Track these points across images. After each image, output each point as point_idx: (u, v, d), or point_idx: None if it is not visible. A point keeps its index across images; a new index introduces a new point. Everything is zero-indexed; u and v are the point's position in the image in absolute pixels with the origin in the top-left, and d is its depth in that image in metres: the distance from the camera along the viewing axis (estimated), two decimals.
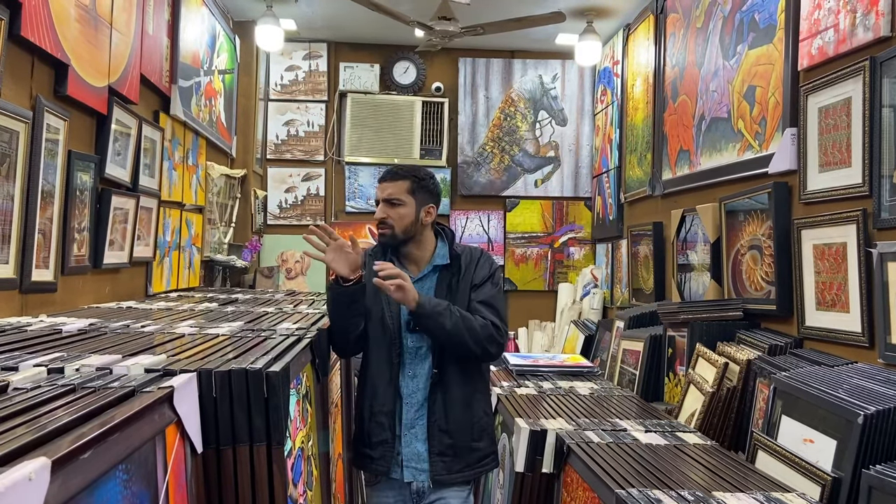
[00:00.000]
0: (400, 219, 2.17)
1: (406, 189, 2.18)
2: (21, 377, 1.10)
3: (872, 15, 2.15)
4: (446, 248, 2.24)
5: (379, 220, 2.18)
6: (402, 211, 2.17)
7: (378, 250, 2.28)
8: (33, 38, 1.99)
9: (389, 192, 2.18)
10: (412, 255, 2.24)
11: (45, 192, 2.13)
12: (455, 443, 2.13)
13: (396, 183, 2.19)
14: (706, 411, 2.48)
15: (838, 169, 2.32)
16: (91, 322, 1.84)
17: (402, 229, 2.17)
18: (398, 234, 2.17)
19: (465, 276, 2.20)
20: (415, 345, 2.17)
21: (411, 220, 2.18)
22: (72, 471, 0.76)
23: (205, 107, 3.81)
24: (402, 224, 2.17)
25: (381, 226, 2.19)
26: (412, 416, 2.14)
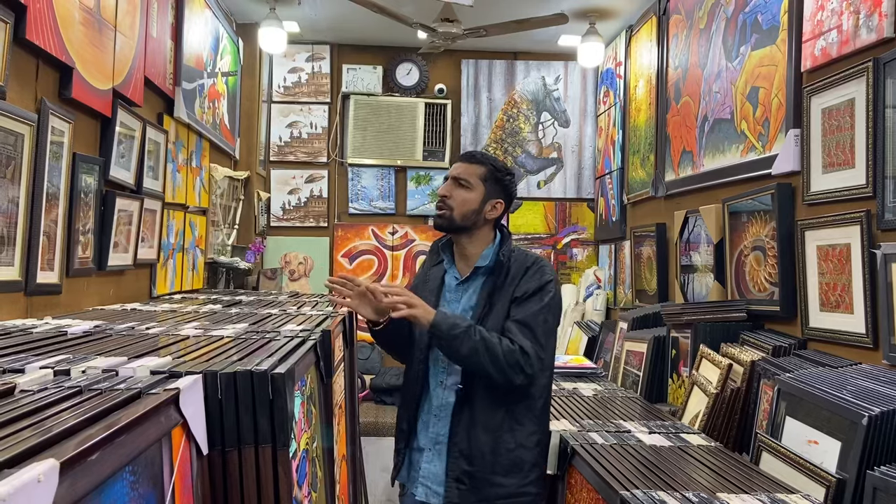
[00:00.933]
0: (462, 203, 1.97)
1: (479, 174, 1.99)
2: (27, 379, 1.10)
3: (876, 16, 2.15)
4: (492, 250, 2.02)
5: (439, 198, 2.01)
6: (466, 195, 1.98)
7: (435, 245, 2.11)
8: (38, 41, 2.00)
9: (459, 172, 2.00)
10: (463, 251, 2.04)
11: (50, 195, 2.14)
12: (474, 472, 1.91)
13: (471, 165, 2.01)
14: (710, 413, 2.47)
15: (842, 170, 2.32)
16: (96, 324, 1.84)
17: (460, 214, 1.97)
18: (455, 217, 1.97)
19: (507, 286, 1.96)
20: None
21: (473, 209, 1.98)
22: (80, 473, 0.76)
23: (208, 109, 3.82)
24: (462, 209, 1.97)
25: (439, 204, 2.00)
26: (438, 430, 1.98)
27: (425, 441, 1.99)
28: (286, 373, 1.30)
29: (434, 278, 2.05)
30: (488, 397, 1.93)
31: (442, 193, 1.98)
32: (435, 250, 2.09)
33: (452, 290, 2.03)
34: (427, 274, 2.09)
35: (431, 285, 2.04)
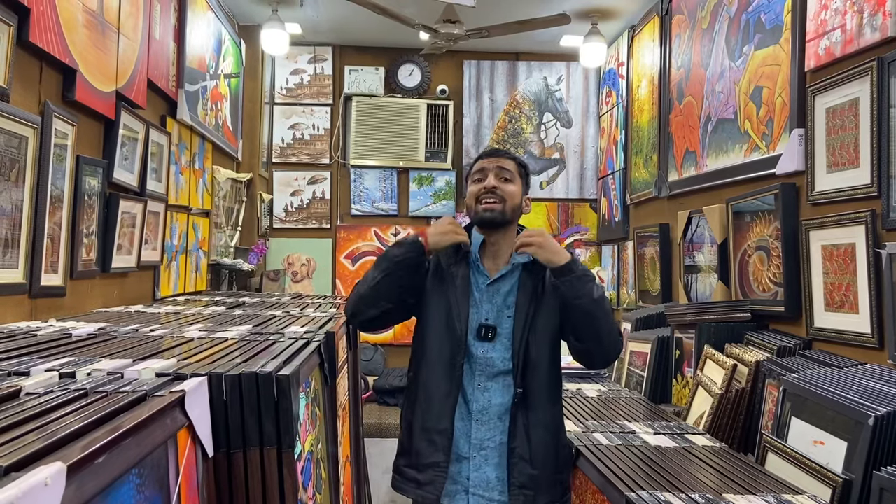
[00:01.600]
0: (511, 195, 1.91)
1: (515, 169, 1.95)
2: (33, 382, 1.10)
3: (879, 15, 2.15)
4: None
5: (487, 190, 1.89)
6: (513, 188, 1.92)
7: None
8: (42, 43, 2.00)
9: (503, 165, 1.93)
10: (498, 249, 1.95)
11: (54, 197, 2.14)
12: (540, 474, 1.85)
13: (507, 160, 1.95)
14: (715, 413, 2.47)
15: (846, 170, 2.32)
16: (100, 326, 1.84)
17: (511, 208, 1.90)
18: (507, 211, 1.90)
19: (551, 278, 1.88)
20: (486, 355, 1.89)
21: (518, 203, 1.93)
22: (86, 475, 0.76)
23: (211, 111, 3.82)
24: (511, 202, 1.91)
25: (488, 197, 1.89)
26: (482, 435, 1.86)
27: (467, 449, 1.87)
28: (291, 375, 1.30)
29: (459, 277, 1.91)
30: (547, 392, 1.90)
31: (493, 185, 1.88)
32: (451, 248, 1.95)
33: (482, 289, 1.92)
34: (447, 273, 1.94)
35: (461, 283, 1.90)
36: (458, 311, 1.89)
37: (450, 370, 1.88)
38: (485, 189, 1.89)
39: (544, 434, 1.88)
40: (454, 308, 1.89)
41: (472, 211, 1.95)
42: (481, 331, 1.88)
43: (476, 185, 1.93)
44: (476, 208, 1.92)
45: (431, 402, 1.88)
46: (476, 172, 1.95)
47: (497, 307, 1.91)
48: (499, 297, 1.92)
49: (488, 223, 1.92)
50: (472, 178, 1.97)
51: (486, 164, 1.93)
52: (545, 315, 1.90)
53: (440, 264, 1.95)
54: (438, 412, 1.87)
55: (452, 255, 1.95)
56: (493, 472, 1.86)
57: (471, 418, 1.87)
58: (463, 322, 1.88)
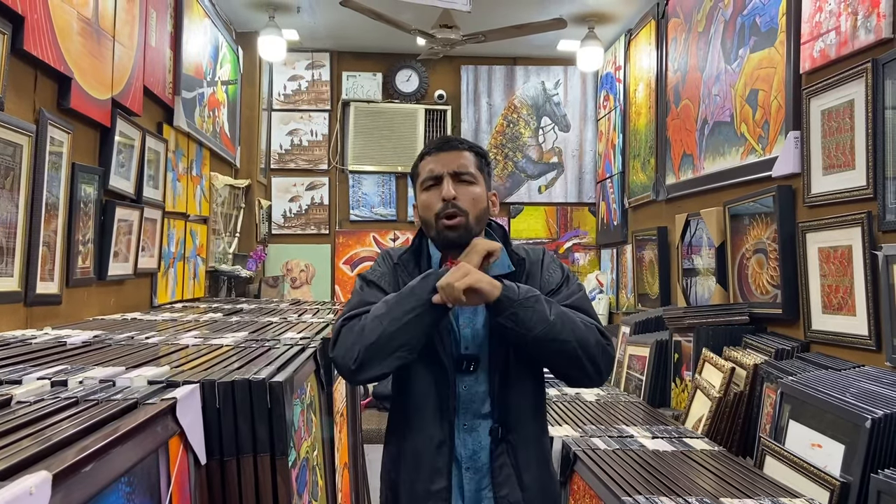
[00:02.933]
0: (474, 202, 1.54)
1: (476, 164, 1.58)
2: (24, 390, 1.10)
3: (874, 17, 2.15)
4: (504, 253, 1.60)
5: (446, 201, 1.52)
6: (475, 191, 1.55)
7: (405, 259, 1.63)
8: (36, 51, 2.01)
9: (460, 164, 1.55)
10: None
11: (50, 205, 2.14)
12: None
13: (462, 153, 1.56)
14: (713, 417, 2.46)
15: (842, 171, 2.32)
16: (95, 334, 1.84)
17: (476, 217, 1.55)
18: (471, 223, 1.54)
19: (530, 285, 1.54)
20: (468, 389, 1.56)
21: (484, 207, 1.57)
22: (74, 484, 0.76)
23: (208, 118, 3.83)
24: (476, 209, 1.54)
25: (449, 211, 1.52)
26: (475, 486, 1.55)
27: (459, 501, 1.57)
28: (284, 381, 1.29)
29: None
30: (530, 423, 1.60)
31: (451, 195, 1.52)
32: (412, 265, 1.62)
33: (456, 312, 1.57)
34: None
35: None
36: (440, 341, 1.55)
37: (440, 415, 1.55)
38: (444, 200, 1.53)
39: (535, 471, 1.58)
40: (436, 338, 1.54)
41: (431, 227, 1.58)
42: (462, 363, 1.55)
43: (430, 193, 1.57)
44: (436, 225, 1.56)
45: (421, 458, 1.55)
46: (428, 178, 1.57)
47: (475, 331, 1.59)
48: (477, 318, 1.58)
49: (453, 244, 1.55)
50: (422, 183, 1.59)
51: (438, 165, 1.56)
52: None
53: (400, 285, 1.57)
54: (431, 469, 1.54)
55: (414, 272, 1.59)
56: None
57: (460, 467, 1.56)
58: (449, 354, 1.55)
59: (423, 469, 1.55)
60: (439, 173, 1.55)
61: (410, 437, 1.58)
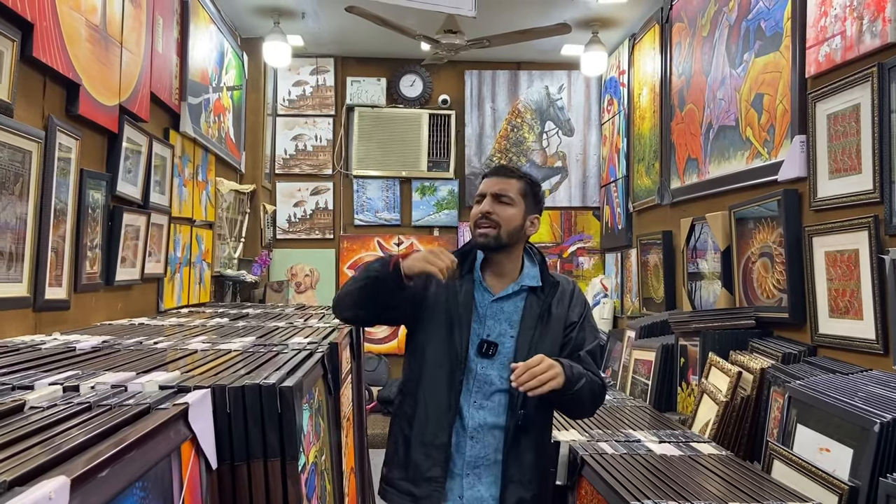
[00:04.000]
0: (508, 220, 1.89)
1: (519, 190, 1.92)
2: (37, 396, 1.10)
3: (879, 21, 2.15)
4: (537, 270, 1.96)
5: (482, 215, 1.89)
6: (511, 211, 1.90)
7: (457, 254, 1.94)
8: (45, 58, 2.02)
9: (501, 188, 1.90)
10: (501, 268, 1.95)
11: (58, 211, 2.15)
12: (531, 496, 1.88)
13: (510, 181, 1.92)
14: (720, 421, 2.46)
15: (848, 175, 2.32)
16: (104, 339, 1.85)
17: (507, 232, 1.89)
18: (502, 236, 1.89)
19: (558, 309, 1.93)
20: (485, 371, 1.88)
21: (518, 225, 1.91)
22: (90, 489, 0.76)
23: (214, 123, 3.84)
24: (509, 226, 1.89)
25: (483, 222, 1.89)
26: (476, 452, 1.87)
27: (461, 465, 1.87)
28: (294, 386, 1.30)
29: (463, 292, 1.91)
30: (539, 418, 1.90)
31: (486, 210, 1.88)
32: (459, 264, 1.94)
33: (485, 306, 1.92)
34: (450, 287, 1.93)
35: (464, 300, 1.91)
36: (459, 326, 1.88)
37: (449, 385, 1.87)
38: (480, 213, 1.90)
39: (537, 457, 1.90)
40: (456, 322, 1.88)
41: (472, 233, 1.96)
42: (482, 347, 1.87)
43: (476, 207, 1.94)
44: (473, 232, 1.94)
45: (430, 416, 1.86)
46: (478, 194, 1.95)
47: (500, 325, 1.92)
48: (503, 315, 1.92)
49: (482, 248, 1.93)
50: (475, 198, 1.97)
51: (487, 186, 1.93)
52: (548, 341, 1.89)
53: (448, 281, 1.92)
54: (437, 426, 1.85)
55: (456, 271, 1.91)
56: (486, 491, 1.86)
57: (466, 435, 1.86)
58: (465, 337, 1.87)
59: (430, 425, 1.85)
60: (485, 192, 1.92)
61: (423, 399, 1.88)
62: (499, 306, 1.92)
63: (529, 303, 1.91)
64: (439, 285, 1.91)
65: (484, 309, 1.92)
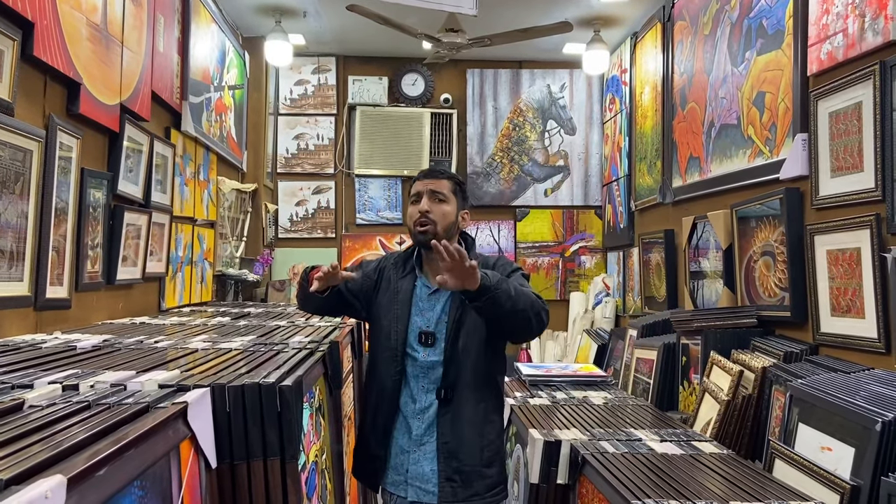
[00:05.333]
0: (443, 216, 2.06)
1: (449, 188, 2.09)
2: (36, 395, 1.10)
3: (881, 19, 2.15)
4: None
5: (421, 213, 2.05)
6: (446, 208, 2.06)
7: (398, 258, 2.17)
8: (46, 57, 2.02)
9: (435, 186, 2.07)
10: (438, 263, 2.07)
11: (59, 210, 2.15)
12: (462, 467, 2.01)
13: (440, 181, 2.09)
14: (722, 420, 2.45)
15: (850, 174, 2.31)
16: (105, 338, 1.85)
17: (443, 228, 2.05)
18: (440, 231, 2.04)
19: None
20: (426, 358, 2.04)
21: (452, 221, 2.08)
22: (88, 488, 0.76)
23: (215, 122, 3.84)
24: (445, 222, 2.05)
25: (422, 220, 2.05)
26: (421, 432, 2.03)
27: (407, 443, 2.03)
28: (294, 385, 1.30)
29: (404, 290, 2.09)
30: (470, 394, 2.02)
31: (425, 209, 2.03)
32: (401, 263, 2.14)
33: (424, 299, 2.08)
34: (396, 285, 2.11)
35: (403, 296, 2.08)
36: (397, 319, 2.04)
37: (392, 372, 2.03)
38: (419, 213, 2.04)
39: (469, 430, 2.00)
40: (394, 317, 2.05)
41: (411, 232, 2.11)
42: (421, 337, 2.02)
43: (413, 206, 2.09)
44: (413, 230, 2.08)
45: (380, 404, 2.04)
46: (413, 194, 2.10)
47: (437, 315, 2.06)
48: (439, 305, 2.06)
49: (422, 245, 2.06)
50: (410, 199, 2.13)
51: (421, 186, 2.08)
52: (471, 319, 2.01)
53: (389, 276, 2.12)
54: (383, 412, 2.03)
55: (400, 270, 2.13)
56: (428, 466, 2.00)
57: (414, 416, 2.02)
58: (402, 329, 2.03)
59: (379, 410, 2.02)
60: (421, 191, 2.06)
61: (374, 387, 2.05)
62: (436, 298, 2.06)
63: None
64: (387, 284, 2.11)
65: (423, 302, 2.07)
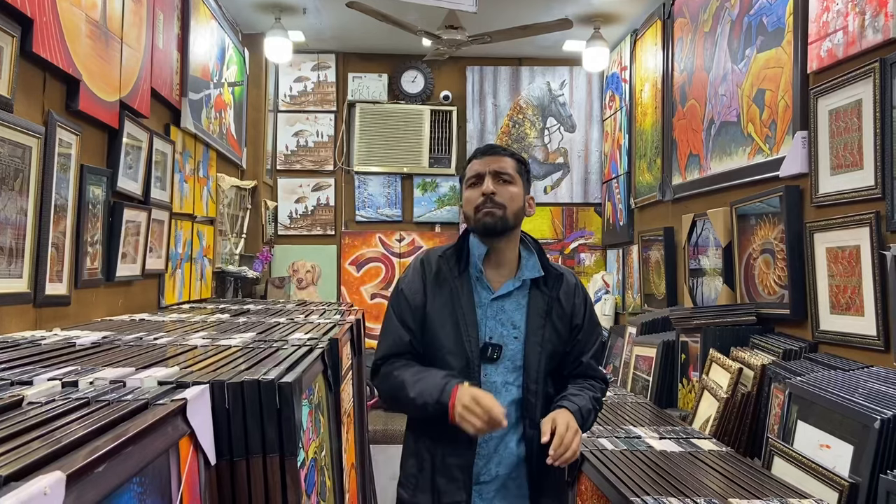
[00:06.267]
0: (511, 199, 1.71)
1: (514, 167, 1.75)
2: (35, 391, 1.10)
3: (881, 17, 2.14)
4: (535, 259, 1.77)
5: (486, 196, 1.70)
6: (514, 190, 1.72)
7: (450, 253, 1.78)
8: (45, 54, 2.01)
9: (501, 165, 1.73)
10: (502, 257, 1.75)
11: (58, 206, 2.15)
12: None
13: (503, 159, 1.74)
14: (721, 417, 2.46)
15: (850, 171, 2.31)
16: (104, 335, 1.85)
17: (513, 212, 1.71)
18: (509, 216, 1.70)
19: (563, 305, 1.75)
20: (488, 378, 1.70)
21: (521, 206, 1.74)
22: (86, 484, 0.76)
23: (215, 119, 3.84)
24: (513, 206, 1.71)
25: (488, 204, 1.69)
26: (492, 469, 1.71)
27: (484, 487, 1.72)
28: (293, 382, 1.30)
29: (465, 292, 1.71)
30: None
31: (490, 190, 1.69)
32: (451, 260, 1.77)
33: (485, 305, 1.72)
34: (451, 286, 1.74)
35: (465, 301, 1.71)
36: (467, 330, 1.69)
37: None
38: (483, 195, 1.70)
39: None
40: (463, 326, 1.69)
41: (471, 219, 1.75)
42: (486, 350, 1.68)
43: (472, 190, 1.74)
44: (475, 216, 1.72)
45: (448, 434, 1.63)
46: (472, 176, 1.75)
47: (502, 325, 1.73)
48: (504, 314, 1.73)
49: (490, 231, 1.71)
50: (467, 181, 1.77)
51: (482, 166, 1.74)
52: (554, 340, 1.75)
53: (440, 275, 1.75)
54: (458, 445, 1.66)
55: (454, 266, 1.75)
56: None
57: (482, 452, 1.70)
58: (473, 342, 1.68)
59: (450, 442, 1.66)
60: (482, 172, 1.72)
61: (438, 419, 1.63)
62: (499, 305, 1.72)
63: (534, 299, 1.73)
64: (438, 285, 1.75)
65: (484, 308, 1.73)
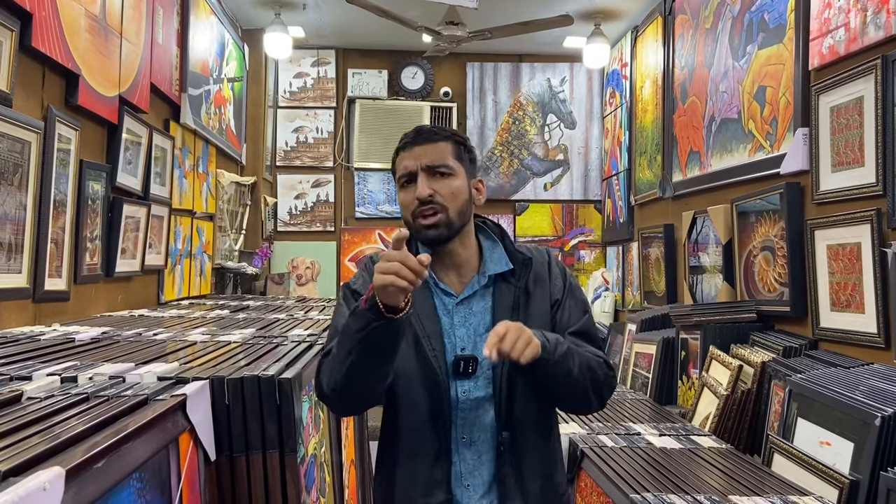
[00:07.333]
0: (453, 196, 1.39)
1: (451, 153, 1.42)
2: (34, 386, 1.10)
3: (883, 13, 2.14)
4: (500, 249, 1.47)
5: (422, 202, 1.37)
6: (454, 184, 1.40)
7: None
8: (44, 48, 2.01)
9: (434, 157, 1.40)
10: (456, 259, 1.44)
11: (58, 202, 2.15)
12: None
13: (437, 145, 1.42)
14: (721, 414, 2.46)
15: (851, 168, 2.30)
16: (103, 330, 1.84)
17: (457, 212, 1.39)
18: (454, 219, 1.39)
19: (537, 289, 1.45)
20: (467, 395, 1.38)
21: (465, 199, 1.42)
22: (86, 480, 0.76)
23: (214, 115, 3.83)
24: (456, 204, 1.39)
25: (426, 210, 1.38)
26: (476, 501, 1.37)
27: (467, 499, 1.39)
28: (293, 378, 1.29)
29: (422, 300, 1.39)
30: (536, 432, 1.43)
31: (425, 195, 1.37)
32: None
33: (450, 311, 1.42)
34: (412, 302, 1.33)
35: (422, 309, 1.39)
36: (430, 343, 1.37)
37: (434, 425, 1.37)
38: (418, 201, 1.38)
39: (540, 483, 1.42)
40: (425, 340, 1.37)
41: (411, 227, 1.42)
42: (459, 364, 1.37)
43: (406, 192, 1.42)
44: (414, 224, 1.40)
45: (417, 471, 1.37)
46: (403, 175, 1.43)
47: (473, 332, 1.42)
48: (473, 318, 1.43)
49: (435, 242, 1.41)
50: (399, 180, 1.46)
51: (412, 160, 1.41)
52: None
53: None
54: (428, 484, 1.37)
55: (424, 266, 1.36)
56: None
57: (461, 483, 1.38)
58: (440, 357, 1.37)
59: (419, 483, 1.37)
60: (413, 169, 1.40)
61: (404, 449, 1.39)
62: (466, 308, 1.43)
63: (499, 293, 1.43)
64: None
65: (450, 316, 1.42)
